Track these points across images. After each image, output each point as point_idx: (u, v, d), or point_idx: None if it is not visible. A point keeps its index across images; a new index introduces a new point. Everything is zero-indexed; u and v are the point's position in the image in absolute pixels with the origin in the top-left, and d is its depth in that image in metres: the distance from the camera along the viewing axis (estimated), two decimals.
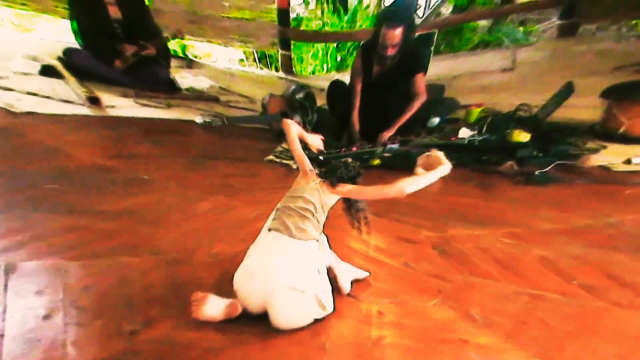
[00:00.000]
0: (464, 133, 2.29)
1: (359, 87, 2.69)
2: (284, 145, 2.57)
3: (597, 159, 2.01)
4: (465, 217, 1.53)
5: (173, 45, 3.99)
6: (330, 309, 0.88)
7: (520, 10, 6.61)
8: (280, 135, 2.78)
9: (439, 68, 3.94)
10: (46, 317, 0.87)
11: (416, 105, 2.51)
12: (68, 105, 2.66)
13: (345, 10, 7.06)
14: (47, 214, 1.32)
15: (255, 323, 0.86)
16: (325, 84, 3.30)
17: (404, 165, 2.01)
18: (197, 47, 6.80)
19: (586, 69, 3.82)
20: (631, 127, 2.25)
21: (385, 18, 2.48)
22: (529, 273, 1.09)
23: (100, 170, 1.78)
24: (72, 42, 3.67)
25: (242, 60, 7.32)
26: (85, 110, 2.63)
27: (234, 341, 0.83)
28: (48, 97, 2.71)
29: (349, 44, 6.91)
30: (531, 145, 2.05)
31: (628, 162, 1.92)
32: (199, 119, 2.81)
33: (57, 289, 0.96)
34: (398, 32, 2.38)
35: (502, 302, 0.96)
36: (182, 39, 4.01)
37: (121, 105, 2.92)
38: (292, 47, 6.15)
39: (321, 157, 2.27)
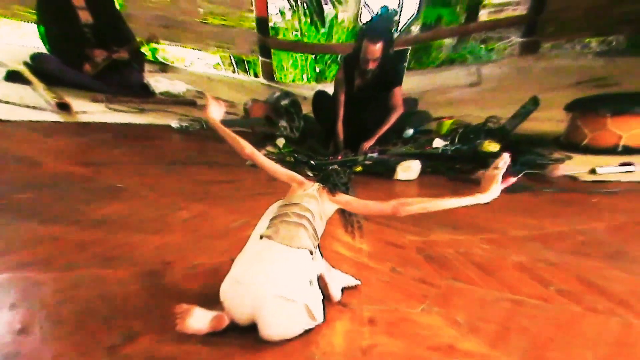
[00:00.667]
0: (438, 143, 2.45)
1: (342, 97, 2.80)
2: (268, 148, 2.59)
3: (564, 169, 2.12)
4: (444, 222, 1.56)
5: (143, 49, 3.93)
6: (320, 319, 0.86)
7: (483, 28, 7.06)
8: (265, 139, 2.79)
9: (410, 83, 4.10)
10: (22, 331, 0.82)
11: (394, 117, 2.68)
12: (37, 112, 2.57)
13: (323, 24, 7.22)
14: (19, 225, 1.26)
15: (242, 335, 0.84)
16: (308, 93, 3.36)
17: (383, 171, 2.16)
18: (168, 51, 6.72)
19: (547, 84, 4.10)
20: (594, 139, 2.39)
21: (366, 33, 2.59)
22: (507, 278, 1.12)
23: (72, 178, 1.70)
24: (36, 47, 3.58)
25: (217, 64, 7.29)
26: (55, 117, 2.53)
27: (221, 354, 0.81)
28: (16, 104, 2.60)
29: (327, 57, 7.21)
30: (501, 154, 2.14)
31: (593, 172, 2.03)
32: (175, 124, 2.75)
33: (32, 303, 0.91)
34: (378, 46, 2.52)
35: (485, 308, 0.98)
36: (158, 43, 3.96)
37: (92, 110, 2.84)
38: (272, 55, 6.18)
39: (312, 162, 2.34)
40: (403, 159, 2.24)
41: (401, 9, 5.65)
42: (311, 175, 2.31)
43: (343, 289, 1.02)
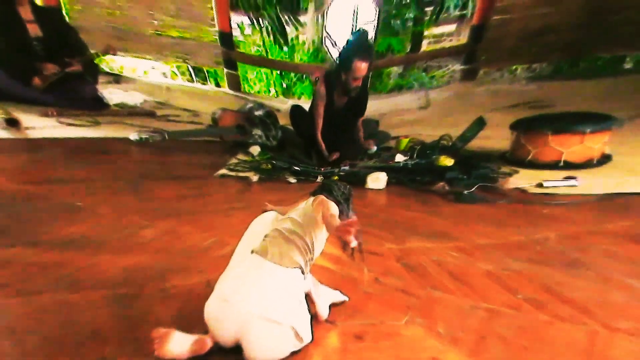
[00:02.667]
0: (399, 158, 2.67)
1: (321, 110, 2.95)
2: (239, 156, 2.58)
3: (514, 182, 2.27)
4: (416, 229, 1.63)
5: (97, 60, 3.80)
6: (308, 339, 0.84)
7: (431, 57, 7.73)
8: (235, 147, 2.77)
9: (369, 107, 4.29)
10: None
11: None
12: None
13: (286, 43, 7.48)
14: None
15: (225, 358, 0.81)
16: (279, 106, 3.42)
17: (355, 181, 2.37)
18: (117, 61, 6.50)
19: (488, 106, 4.50)
20: (537, 154, 2.60)
21: (357, 52, 2.69)
22: (479, 287, 1.17)
23: (26, 198, 1.60)
24: None
25: (174, 73, 7.16)
26: (2, 134, 2.34)
27: None
28: None
29: (293, 75, 7.53)
30: (456, 168, 2.39)
31: (540, 185, 2.20)
32: (133, 136, 2.63)
33: None
34: (364, 65, 2.70)
35: (462, 317, 1.02)
36: (115, 54, 3.82)
37: (43, 126, 2.67)
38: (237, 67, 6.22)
39: (297, 168, 2.37)
40: (370, 171, 2.44)
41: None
42: (293, 181, 2.36)
43: (330, 306, 1.01)
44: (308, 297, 0.93)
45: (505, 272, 1.26)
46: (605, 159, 2.55)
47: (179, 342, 0.80)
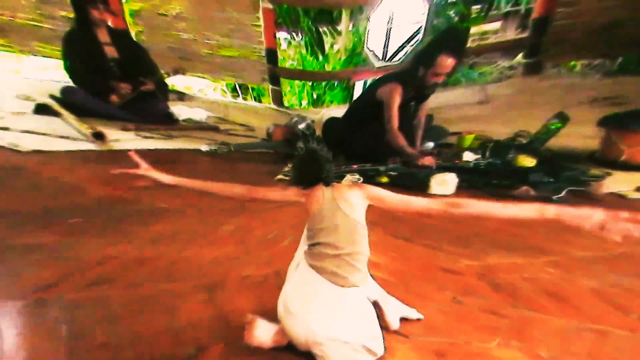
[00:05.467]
0: (468, 156, 2.36)
1: (396, 109, 2.60)
2: (289, 166, 2.62)
3: (609, 186, 2.03)
4: (498, 243, 1.48)
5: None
6: (380, 353, 0.79)
7: (490, 50, 7.26)
8: (286, 158, 2.90)
9: None
10: (102, 345, 0.84)
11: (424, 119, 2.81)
12: (71, 142, 2.61)
13: (323, 53, 7.62)
14: (78, 247, 1.29)
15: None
16: (313, 117, 3.49)
17: (412, 184, 2.06)
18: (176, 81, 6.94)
19: (558, 102, 4.09)
20: (632, 154, 2.34)
21: (446, 45, 2.37)
22: (584, 306, 1.05)
23: (118, 201, 1.75)
24: (58, 80, 3.76)
25: (224, 91, 7.51)
26: (89, 146, 2.58)
27: None
28: (49, 135, 2.67)
29: (323, 84, 7.72)
30: (540, 170, 2.09)
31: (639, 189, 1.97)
32: (204, 147, 2.84)
33: (106, 318, 0.94)
34: (451, 62, 2.36)
35: (567, 340, 0.91)
36: (184, 75, 4.10)
37: (124, 139, 2.88)
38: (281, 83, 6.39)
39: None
40: (431, 172, 2.14)
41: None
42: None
43: (401, 319, 0.94)
44: (376, 306, 0.88)
45: (612, 289, 1.13)
46: None
47: (263, 329, 0.82)
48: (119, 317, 0.94)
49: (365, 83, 6.75)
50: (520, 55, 6.15)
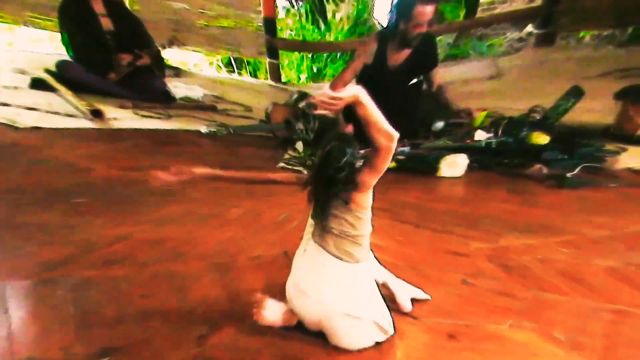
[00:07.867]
0: (480, 135, 2.27)
1: (355, 69, 2.59)
2: (290, 152, 2.58)
3: (625, 161, 1.99)
4: (510, 224, 1.47)
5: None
6: (391, 331, 0.81)
7: (501, 20, 6.94)
8: (285, 143, 2.77)
9: None
10: (118, 320, 0.86)
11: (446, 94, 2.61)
12: (69, 119, 2.56)
13: (325, 22, 7.24)
14: (84, 227, 1.29)
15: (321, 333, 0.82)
16: (312, 92, 3.35)
17: (422, 167, 2.01)
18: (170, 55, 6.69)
19: (570, 75, 3.97)
20: None
21: None
22: (600, 286, 1.05)
23: (125, 182, 1.73)
24: (53, 53, 3.64)
25: (219, 67, 7.25)
26: (87, 124, 2.52)
27: (303, 351, 0.80)
28: (47, 111, 2.60)
29: (324, 56, 7.16)
30: (554, 147, 2.04)
31: None
32: (204, 129, 2.73)
33: (118, 298, 0.95)
34: (430, 9, 2.30)
35: (583, 320, 0.91)
36: (179, 47, 3.94)
37: (122, 117, 2.81)
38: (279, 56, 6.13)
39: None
40: (441, 153, 2.07)
41: None
42: None
43: (412, 300, 0.95)
44: (385, 288, 0.89)
45: (628, 268, 1.13)
46: None
47: (273, 309, 0.84)
48: (130, 296, 0.95)
49: None
50: (529, 26, 5.97)
